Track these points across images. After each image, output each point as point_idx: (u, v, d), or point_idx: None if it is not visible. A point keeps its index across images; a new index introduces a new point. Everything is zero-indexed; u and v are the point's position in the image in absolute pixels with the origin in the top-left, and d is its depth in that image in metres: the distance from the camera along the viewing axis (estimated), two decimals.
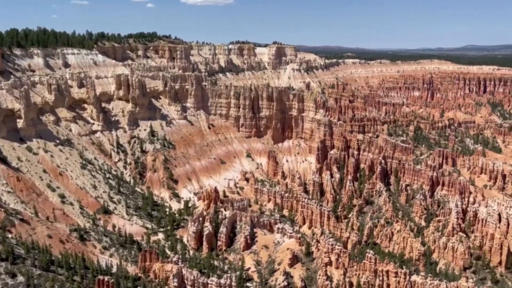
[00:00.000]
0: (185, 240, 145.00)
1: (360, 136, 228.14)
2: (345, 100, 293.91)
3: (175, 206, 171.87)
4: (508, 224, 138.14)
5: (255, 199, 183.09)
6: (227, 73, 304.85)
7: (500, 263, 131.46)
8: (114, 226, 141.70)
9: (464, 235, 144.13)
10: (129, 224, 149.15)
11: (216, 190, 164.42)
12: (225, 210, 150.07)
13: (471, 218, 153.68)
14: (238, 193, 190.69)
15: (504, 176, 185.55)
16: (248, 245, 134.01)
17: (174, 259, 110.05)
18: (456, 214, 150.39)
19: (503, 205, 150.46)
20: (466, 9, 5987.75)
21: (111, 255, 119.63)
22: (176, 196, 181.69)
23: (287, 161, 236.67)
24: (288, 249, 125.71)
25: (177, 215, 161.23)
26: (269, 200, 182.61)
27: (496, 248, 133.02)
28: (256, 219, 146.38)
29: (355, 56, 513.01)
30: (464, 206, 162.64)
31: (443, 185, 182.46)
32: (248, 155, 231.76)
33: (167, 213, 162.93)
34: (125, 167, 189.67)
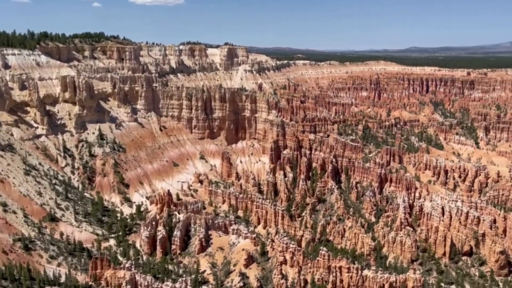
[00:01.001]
0: (138, 245, 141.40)
1: (311, 136, 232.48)
2: (297, 100, 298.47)
3: (127, 211, 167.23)
4: (451, 217, 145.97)
5: (210, 201, 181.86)
6: (179, 74, 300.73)
7: (444, 254, 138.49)
8: (62, 234, 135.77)
9: (411, 229, 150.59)
10: (78, 231, 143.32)
11: (169, 193, 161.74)
12: (179, 213, 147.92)
13: (417, 213, 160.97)
14: (192, 195, 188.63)
15: (446, 172, 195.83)
16: (203, 248, 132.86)
17: (127, 265, 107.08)
18: (404, 209, 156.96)
19: (445, 199, 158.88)
20: (410, 13, 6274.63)
21: (59, 264, 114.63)
22: (127, 200, 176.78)
23: (241, 162, 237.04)
24: (243, 249, 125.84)
25: (129, 220, 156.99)
26: (223, 202, 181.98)
27: (440, 240, 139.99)
28: (210, 221, 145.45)
29: (305, 57, 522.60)
30: (410, 201, 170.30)
31: (391, 181, 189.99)
32: (202, 157, 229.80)
33: (119, 218, 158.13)
34: (72, 172, 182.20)
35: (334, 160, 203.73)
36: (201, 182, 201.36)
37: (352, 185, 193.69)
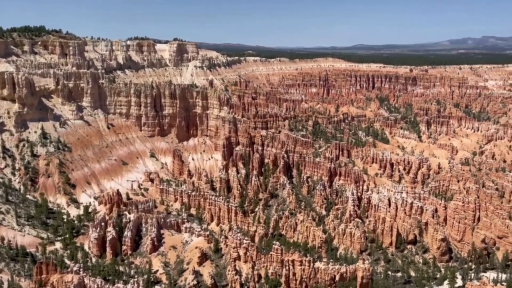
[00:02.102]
0: (86, 247, 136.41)
1: (263, 132, 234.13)
2: (248, 97, 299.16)
3: (74, 212, 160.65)
4: (397, 208, 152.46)
5: (161, 199, 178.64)
6: (126, 70, 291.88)
7: (391, 243, 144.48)
8: (2, 239, 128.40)
9: (360, 221, 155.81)
10: (21, 235, 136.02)
11: (118, 193, 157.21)
12: (129, 213, 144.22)
13: (365, 205, 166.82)
14: (142, 194, 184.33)
15: (392, 165, 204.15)
16: (155, 247, 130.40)
17: (75, 268, 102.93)
18: (352, 201, 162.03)
19: (391, 191, 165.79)
20: (356, 12, 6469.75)
21: (0, 271, 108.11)
22: (74, 201, 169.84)
23: (193, 159, 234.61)
24: (196, 247, 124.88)
25: (76, 221, 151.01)
26: (175, 200, 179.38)
27: (387, 231, 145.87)
28: (162, 220, 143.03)
29: (256, 54, 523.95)
30: (359, 194, 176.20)
31: (340, 175, 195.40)
32: (152, 155, 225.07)
33: (65, 220, 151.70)
34: (13, 174, 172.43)
35: (285, 155, 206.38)
36: (152, 180, 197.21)
37: (303, 179, 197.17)
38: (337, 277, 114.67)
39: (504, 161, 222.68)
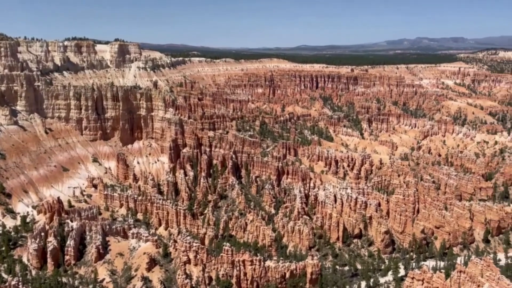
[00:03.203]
0: (25, 259, 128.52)
1: (211, 133, 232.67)
2: (194, 98, 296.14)
3: (10, 223, 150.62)
4: (342, 204, 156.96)
5: (106, 205, 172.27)
6: (64, 72, 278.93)
7: (338, 238, 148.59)
8: None
9: (308, 218, 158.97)
10: None
11: (59, 201, 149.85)
12: (72, 221, 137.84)
13: (313, 202, 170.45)
14: (85, 201, 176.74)
15: (336, 162, 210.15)
16: (100, 255, 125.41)
17: (13, 282, 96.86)
18: (300, 199, 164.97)
19: (337, 187, 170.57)
20: (299, 14, 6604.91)
21: None
22: (10, 212, 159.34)
23: (138, 163, 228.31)
24: (144, 253, 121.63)
25: (13, 233, 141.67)
26: (121, 205, 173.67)
27: (334, 226, 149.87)
28: (108, 226, 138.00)
29: (201, 54, 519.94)
30: (306, 192, 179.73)
31: (287, 174, 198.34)
32: (95, 160, 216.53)
33: (0, 232, 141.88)
34: None
35: (234, 156, 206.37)
36: (95, 186, 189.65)
37: (252, 179, 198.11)
38: (287, 275, 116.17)
39: (439, 155, 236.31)
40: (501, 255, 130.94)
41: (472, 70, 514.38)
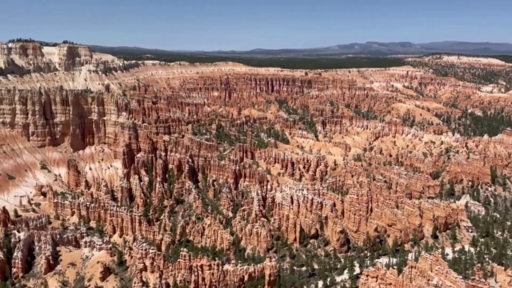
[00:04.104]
0: None
1: (166, 137, 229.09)
2: (148, 101, 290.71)
3: None
4: (299, 205, 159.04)
5: (56, 214, 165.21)
6: (9, 76, 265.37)
7: (295, 239, 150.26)
8: None
9: (266, 220, 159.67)
10: None
11: (4, 210, 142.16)
12: (19, 232, 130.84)
13: (270, 204, 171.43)
14: (34, 210, 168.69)
15: (292, 164, 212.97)
16: (51, 267, 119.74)
17: None
18: (257, 201, 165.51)
19: (293, 188, 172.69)
20: (254, 17, 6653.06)
21: None
22: None
23: (90, 169, 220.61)
24: (98, 262, 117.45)
25: None
26: (72, 214, 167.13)
27: (291, 227, 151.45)
28: (58, 236, 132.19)
29: (154, 57, 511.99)
30: (263, 194, 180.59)
31: (245, 176, 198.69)
32: (43, 167, 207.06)
33: None
34: None
35: (190, 160, 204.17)
36: (44, 194, 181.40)
37: (209, 183, 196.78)
38: (246, 278, 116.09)
39: (390, 155, 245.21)
40: (448, 250, 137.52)
41: (419, 73, 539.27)
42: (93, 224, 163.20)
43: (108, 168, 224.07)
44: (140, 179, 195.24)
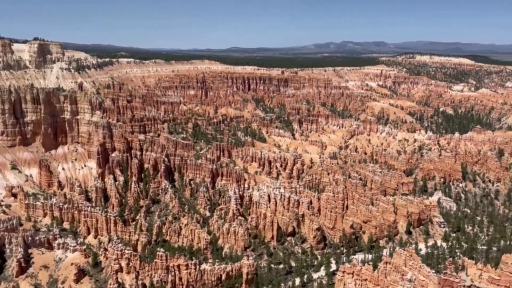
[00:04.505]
0: None
1: (141, 136, 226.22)
2: (123, 100, 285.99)
3: None
4: (276, 203, 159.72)
5: (27, 215, 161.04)
6: None
7: (272, 237, 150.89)
8: None
9: (243, 218, 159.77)
10: None
11: None
12: None
13: (247, 202, 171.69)
14: (4, 212, 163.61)
15: (270, 162, 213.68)
16: (22, 269, 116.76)
17: None
18: (235, 200, 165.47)
19: (271, 187, 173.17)
20: (230, 15, 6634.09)
21: None
22: None
23: (63, 169, 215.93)
24: (72, 264, 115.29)
25: None
26: (44, 215, 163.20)
27: (268, 225, 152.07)
28: (30, 238, 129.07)
29: (129, 55, 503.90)
30: (241, 193, 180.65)
31: (222, 175, 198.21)
32: (14, 167, 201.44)
33: None
34: None
35: (166, 159, 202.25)
36: (14, 195, 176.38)
37: (186, 182, 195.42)
38: (224, 276, 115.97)
39: (365, 153, 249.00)
40: (421, 245, 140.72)
41: (393, 72, 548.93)
42: (66, 225, 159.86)
43: (82, 168, 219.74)
44: (115, 179, 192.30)
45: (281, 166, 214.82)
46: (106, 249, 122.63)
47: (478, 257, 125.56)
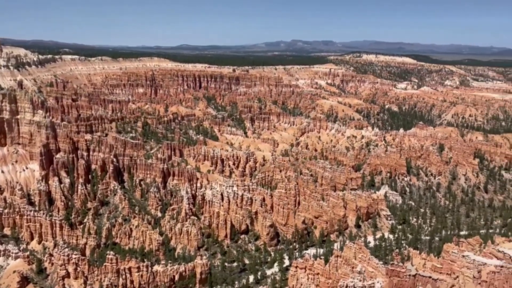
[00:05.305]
0: None
1: (88, 136, 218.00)
2: (68, 99, 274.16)
3: None
4: (229, 201, 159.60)
5: None
6: None
7: (226, 236, 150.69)
8: None
9: (196, 218, 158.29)
10: None
11: None
12: None
13: (200, 201, 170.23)
14: None
15: (222, 161, 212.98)
16: None
17: None
18: (187, 200, 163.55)
19: (223, 185, 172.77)
20: (180, 12, 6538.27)
21: None
22: None
23: (2, 171, 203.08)
24: (15, 271, 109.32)
25: None
26: None
27: (221, 224, 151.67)
28: None
29: (73, 52, 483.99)
30: (193, 192, 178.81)
31: (173, 175, 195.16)
32: None
33: None
34: None
35: (115, 159, 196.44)
36: None
37: (136, 183, 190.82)
38: (177, 277, 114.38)
39: (316, 150, 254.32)
40: (370, 238, 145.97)
41: (341, 71, 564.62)
42: (7, 231, 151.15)
43: (24, 170, 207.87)
44: (60, 181, 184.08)
45: (233, 164, 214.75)
46: (51, 255, 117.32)
47: (422, 247, 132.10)
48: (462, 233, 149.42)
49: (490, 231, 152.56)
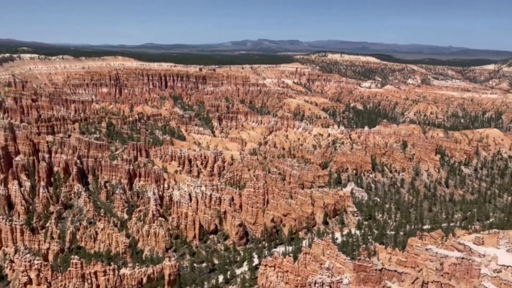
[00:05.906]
0: None
1: (50, 138, 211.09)
2: (27, 99, 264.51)
3: None
4: (197, 202, 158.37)
5: None
6: None
7: (194, 236, 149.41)
8: None
9: (164, 219, 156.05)
10: None
11: None
12: None
13: (168, 202, 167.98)
14: None
15: (190, 161, 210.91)
16: None
17: None
18: (154, 201, 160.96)
19: (191, 186, 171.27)
20: (145, 10, 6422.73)
21: None
22: None
23: None
24: None
25: None
26: None
27: (190, 225, 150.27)
28: None
29: (32, 51, 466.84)
30: (160, 193, 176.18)
31: (140, 176, 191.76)
32: None
33: None
34: None
35: (78, 161, 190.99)
36: None
37: (101, 185, 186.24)
38: (145, 280, 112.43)
39: (283, 149, 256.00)
40: (338, 234, 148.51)
41: (307, 70, 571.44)
42: None
43: None
44: (20, 185, 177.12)
45: (201, 164, 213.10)
46: (12, 261, 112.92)
47: (388, 242, 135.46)
48: (425, 227, 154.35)
49: (451, 224, 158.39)
